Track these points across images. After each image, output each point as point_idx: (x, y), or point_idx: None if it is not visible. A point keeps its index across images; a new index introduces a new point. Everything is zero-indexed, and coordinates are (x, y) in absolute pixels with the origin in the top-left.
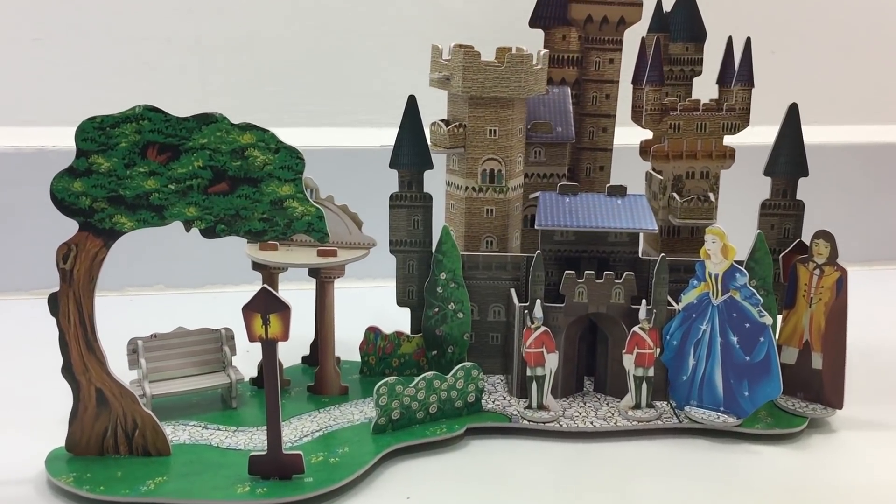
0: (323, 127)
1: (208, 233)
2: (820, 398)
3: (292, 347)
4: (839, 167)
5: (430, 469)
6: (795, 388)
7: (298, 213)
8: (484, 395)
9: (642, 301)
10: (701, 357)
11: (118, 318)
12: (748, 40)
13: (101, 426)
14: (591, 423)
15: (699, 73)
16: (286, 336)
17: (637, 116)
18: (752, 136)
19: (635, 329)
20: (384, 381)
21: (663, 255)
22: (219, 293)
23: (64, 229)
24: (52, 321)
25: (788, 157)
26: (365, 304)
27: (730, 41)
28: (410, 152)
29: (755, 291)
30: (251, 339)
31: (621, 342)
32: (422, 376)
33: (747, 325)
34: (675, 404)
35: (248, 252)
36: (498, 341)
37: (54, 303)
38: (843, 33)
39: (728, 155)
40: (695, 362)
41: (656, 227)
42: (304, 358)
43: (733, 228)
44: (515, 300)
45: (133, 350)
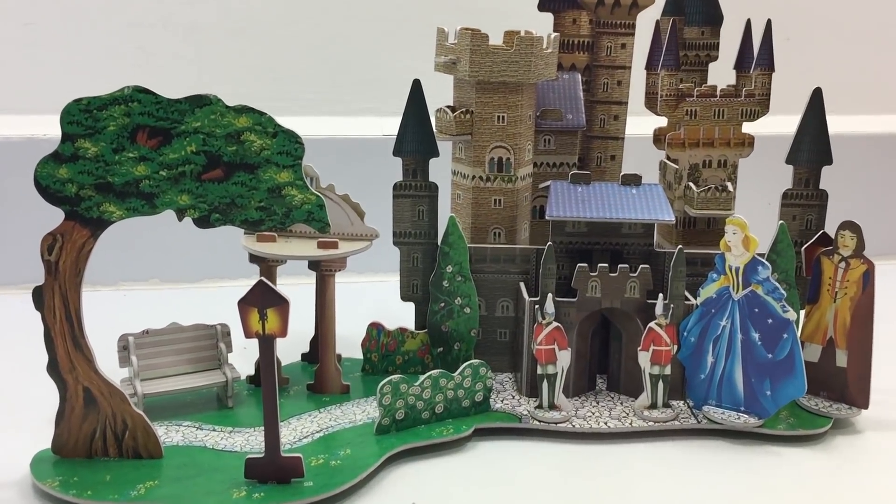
0: (324, 115)
1: (202, 222)
2: (844, 398)
3: (291, 344)
4: (862, 157)
5: (435, 472)
6: (819, 388)
7: (298, 202)
8: (492, 394)
9: (659, 295)
10: (720, 354)
11: (111, 313)
12: (769, 23)
13: (90, 427)
14: (604, 423)
15: (715, 58)
16: (284, 332)
17: (651, 103)
18: (766, 125)
19: (651, 325)
20: (388, 379)
21: (681, 247)
22: (216, 288)
23: (55, 221)
24: (37, 316)
25: (812, 144)
26: (367, 298)
27: (748, 24)
28: (415, 139)
29: (778, 285)
30: (247, 335)
31: (636, 338)
32: (427, 374)
33: (770, 321)
34: (692, 404)
35: (245, 244)
36: (506, 338)
37: (39, 297)
38: (863, 18)
39: (747, 143)
40: (713, 360)
41: (673, 218)
42: (304, 355)
43: (751, 220)
44: (525, 295)
45: (124, 347)
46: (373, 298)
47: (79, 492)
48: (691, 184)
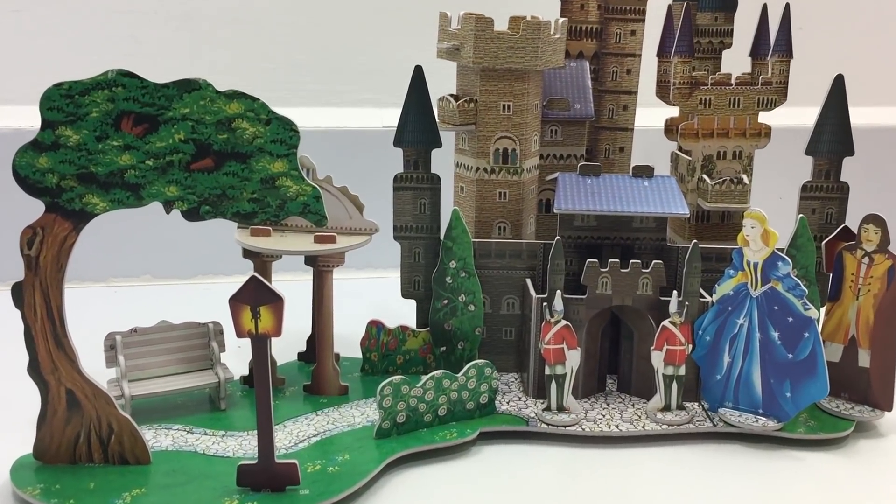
0: (322, 106)
1: (191, 215)
2: (867, 399)
3: (288, 343)
4: (882, 149)
5: (439, 478)
6: (840, 389)
7: (293, 193)
8: (498, 395)
9: (673, 292)
10: (737, 354)
11: (101, 310)
12: (787, 7)
13: (73, 431)
14: (616, 426)
15: (729, 45)
16: (278, 331)
17: (663, 92)
18: (779, 117)
19: (665, 323)
20: (388, 380)
21: (695, 241)
22: (210, 284)
23: (35, 213)
24: (17, 314)
25: (832, 134)
26: (367, 295)
27: (765, 9)
28: (417, 129)
29: (799, 282)
30: (239, 334)
31: (648, 337)
32: (430, 375)
33: (790, 319)
34: (707, 406)
35: (238, 238)
36: (511, 336)
37: (18, 294)
38: (879, 7)
39: (763, 133)
40: (730, 360)
41: (688, 211)
42: (301, 354)
43: (768, 214)
44: (532, 291)
45: (111, 346)
46: (372, 295)
47: (61, 500)
48: (705, 176)
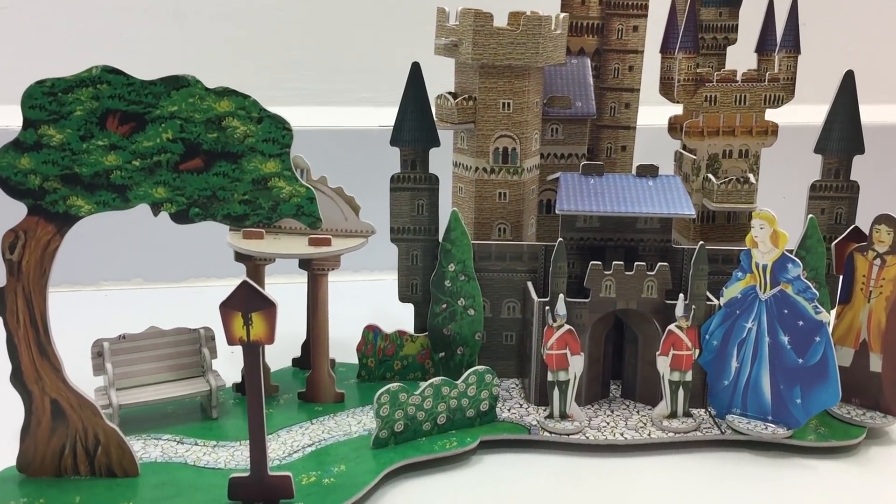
0: (317, 106)
1: (180, 217)
2: (879, 405)
3: (282, 348)
4: (892, 147)
5: (438, 489)
6: (851, 394)
7: (285, 195)
8: (498, 402)
9: (680, 296)
10: (745, 359)
11: (91, 315)
12: (794, 1)
13: (58, 442)
14: (620, 434)
15: (734, 41)
16: (271, 338)
17: (667, 89)
18: (784, 115)
19: (671, 328)
20: (386, 387)
21: (702, 243)
22: (203, 287)
23: (18, 216)
24: None
25: (842, 132)
26: (364, 298)
27: (771, 4)
28: (414, 127)
29: (810, 284)
30: (231, 341)
31: (654, 342)
32: (429, 382)
33: (801, 323)
34: (715, 413)
35: (231, 241)
36: (512, 341)
37: (0, 300)
38: (879, 6)
39: (770, 131)
40: (738, 365)
41: (693, 212)
42: (295, 360)
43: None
44: (533, 295)
45: (98, 353)
46: (370, 298)
47: None
48: (710, 175)
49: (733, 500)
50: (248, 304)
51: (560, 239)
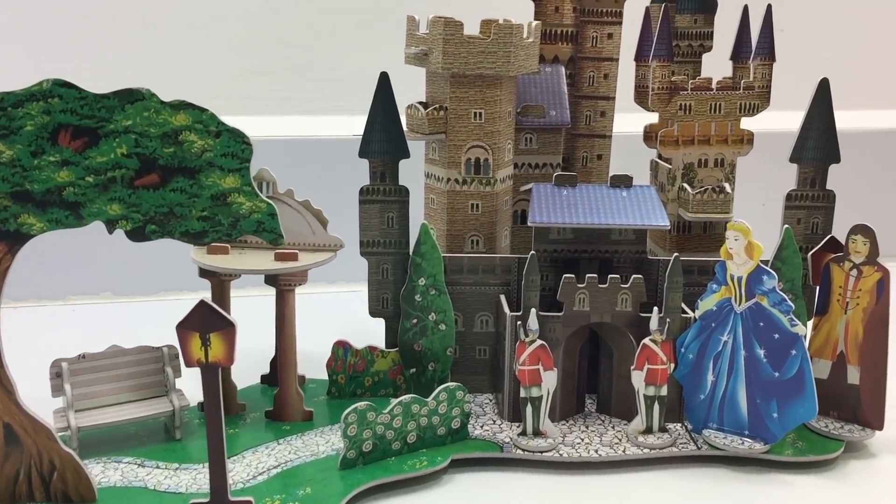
0: (289, 115)
1: (136, 235)
2: (857, 418)
3: (251, 364)
4: (869, 154)
5: None
6: (829, 407)
7: (245, 210)
8: (471, 419)
9: (654, 309)
10: (721, 373)
11: (58, 331)
12: (769, 8)
13: (12, 468)
14: (595, 451)
15: (709, 48)
16: (230, 360)
17: (641, 97)
18: (763, 122)
19: (646, 341)
20: (353, 407)
21: (677, 255)
22: (175, 301)
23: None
24: None
25: (818, 140)
26: (339, 311)
27: (745, 10)
28: (383, 139)
29: (786, 297)
30: (188, 363)
31: (628, 356)
32: (398, 401)
33: (776, 336)
34: (691, 427)
35: (195, 257)
36: (486, 355)
37: None
38: (865, 8)
39: (746, 140)
40: (714, 379)
41: (668, 223)
42: (264, 377)
43: (751, 225)
44: (506, 309)
45: (57, 374)
46: (345, 311)
47: None
48: (686, 185)
49: None
50: (205, 324)
51: (532, 252)
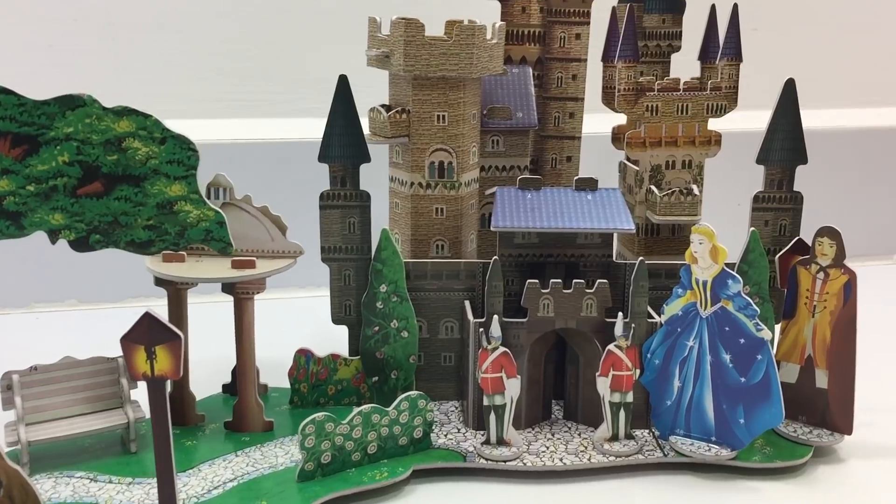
0: (257, 117)
1: (80, 245)
2: (825, 422)
3: (213, 373)
4: (834, 153)
5: None
6: (797, 411)
7: (193, 219)
8: (434, 427)
9: (619, 314)
10: (688, 378)
11: (22, 339)
12: (735, 8)
13: None
14: (560, 459)
15: (678, 48)
16: (177, 372)
17: (609, 98)
18: (729, 121)
19: (610, 347)
20: (311, 418)
21: (642, 259)
22: (142, 308)
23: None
24: None
25: (784, 142)
26: (306, 316)
27: (713, 10)
28: (343, 143)
29: (751, 301)
30: (133, 377)
31: (595, 362)
32: (357, 411)
33: (742, 341)
34: (658, 433)
35: (149, 265)
36: (451, 362)
37: None
38: (833, 7)
39: (713, 141)
40: (681, 384)
41: (633, 227)
42: (226, 386)
43: (720, 226)
44: (470, 315)
45: (7, 386)
46: (311, 316)
47: None
48: (653, 187)
49: None
50: (151, 336)
51: (495, 257)
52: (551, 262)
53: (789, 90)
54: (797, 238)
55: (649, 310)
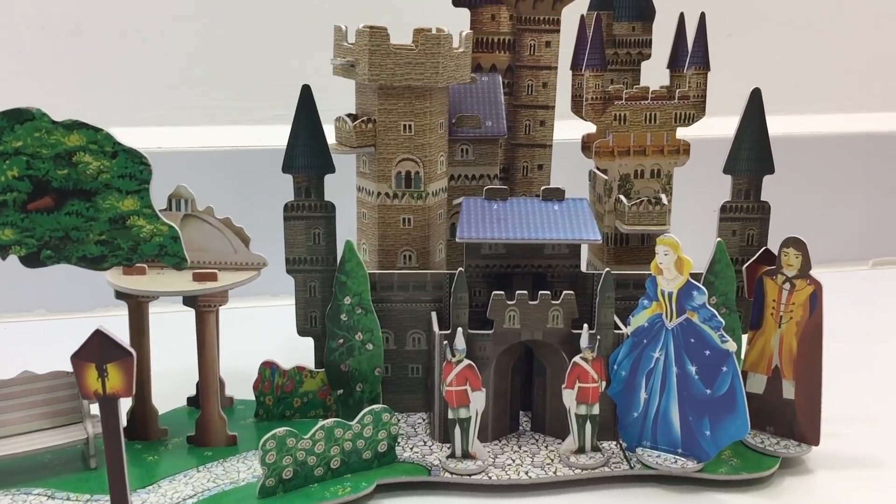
0: (230, 125)
1: (31, 261)
2: (793, 433)
3: (178, 384)
4: (808, 159)
5: None
6: (764, 422)
7: (146, 234)
8: (401, 440)
9: (584, 326)
10: (654, 390)
11: None
12: (702, 17)
13: None
14: (526, 472)
15: (648, 56)
16: (129, 391)
17: (577, 107)
18: (706, 128)
19: (576, 360)
20: (272, 433)
21: (608, 270)
22: (112, 318)
23: None
24: None
25: (751, 151)
26: (273, 326)
27: (682, 19)
28: (306, 153)
29: (716, 312)
30: (85, 395)
31: (562, 373)
32: (319, 425)
33: (707, 353)
34: (625, 445)
35: (109, 278)
36: (419, 373)
37: None
38: (807, 13)
39: (682, 150)
40: (647, 396)
41: (599, 238)
42: (191, 399)
43: (691, 234)
44: (435, 327)
45: None
46: (278, 326)
47: None
48: (622, 196)
49: None
50: (102, 354)
51: (460, 269)
52: (519, 273)
53: (755, 100)
54: (764, 248)
55: (616, 321)
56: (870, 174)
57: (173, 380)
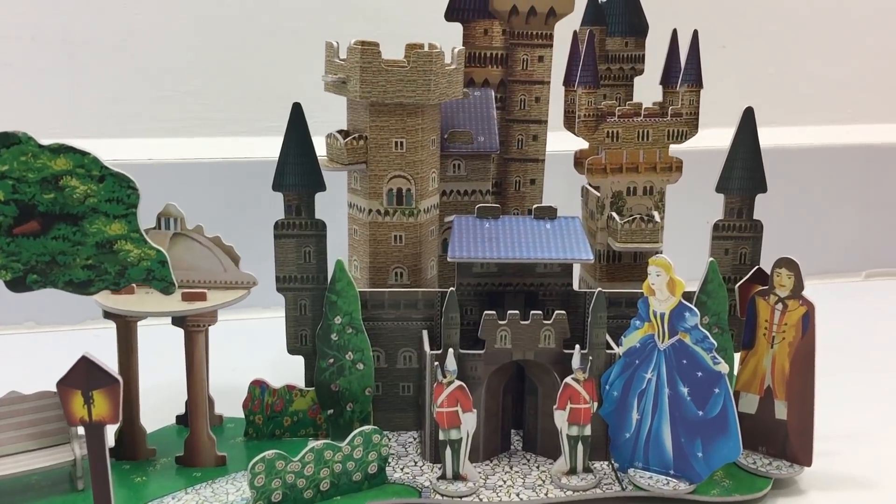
0: (221, 136)
1: (17, 285)
2: (785, 453)
3: (166, 400)
4: (802, 170)
5: None
6: (757, 443)
7: (133, 258)
8: (391, 459)
9: (576, 346)
10: (646, 411)
11: None
12: (695, 34)
13: None
14: (517, 494)
15: (640, 71)
16: (115, 417)
17: (570, 123)
18: (699, 139)
19: (568, 380)
20: (261, 456)
21: (600, 290)
22: (102, 330)
23: None
24: None
25: (743, 170)
26: (265, 342)
27: (674, 35)
28: (297, 171)
29: (708, 334)
30: (71, 422)
31: (554, 393)
32: (309, 447)
33: (699, 374)
34: (617, 465)
35: (98, 299)
36: (410, 392)
37: None
38: (800, 25)
39: (674, 167)
40: (639, 417)
41: (591, 257)
42: (180, 418)
43: (684, 251)
44: (427, 346)
45: None
46: (269, 342)
47: None
48: (614, 214)
49: None
50: (88, 381)
51: (451, 289)
52: (511, 292)
53: (748, 118)
54: (756, 267)
55: (608, 340)
56: (863, 185)
57: (162, 394)
